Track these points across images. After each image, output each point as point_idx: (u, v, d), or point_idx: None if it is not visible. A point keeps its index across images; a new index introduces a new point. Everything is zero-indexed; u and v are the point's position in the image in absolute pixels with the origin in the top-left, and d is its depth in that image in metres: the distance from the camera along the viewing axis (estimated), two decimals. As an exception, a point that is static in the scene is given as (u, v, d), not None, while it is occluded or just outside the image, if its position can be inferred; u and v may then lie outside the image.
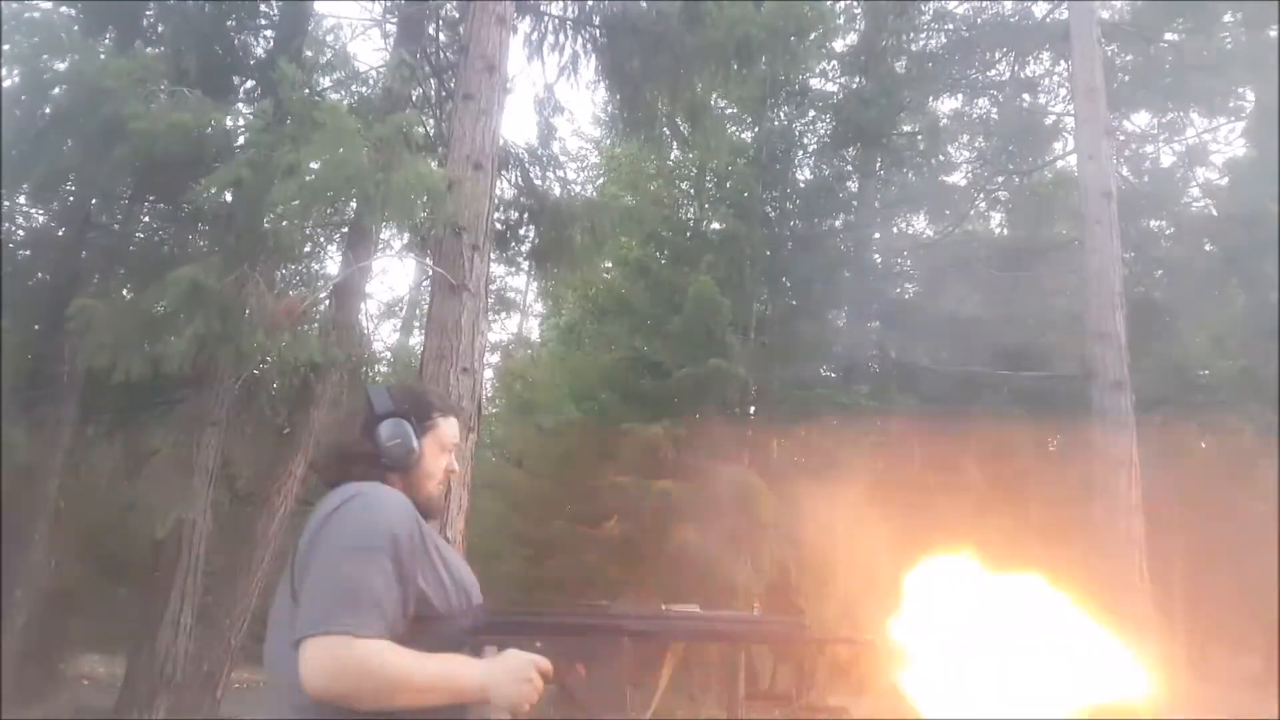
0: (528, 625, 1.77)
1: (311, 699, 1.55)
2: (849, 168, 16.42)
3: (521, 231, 9.43)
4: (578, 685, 1.72)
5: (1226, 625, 24.00)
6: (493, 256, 7.73)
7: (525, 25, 9.53)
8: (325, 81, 9.53)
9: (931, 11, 15.69)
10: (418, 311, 21.16)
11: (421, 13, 9.66)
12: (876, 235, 16.37)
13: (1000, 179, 16.44)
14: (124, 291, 8.88)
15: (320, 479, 1.94)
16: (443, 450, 1.99)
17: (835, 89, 16.88)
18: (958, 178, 17.41)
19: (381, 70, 9.56)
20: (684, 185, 16.34)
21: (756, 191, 13.33)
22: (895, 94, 14.94)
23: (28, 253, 9.38)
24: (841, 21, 16.10)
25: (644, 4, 9.06)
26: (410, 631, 1.64)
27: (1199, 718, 14.09)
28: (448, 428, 2.02)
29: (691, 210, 16.34)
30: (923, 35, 16.19)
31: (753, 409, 13.36)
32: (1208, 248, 14.26)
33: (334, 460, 1.92)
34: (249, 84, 9.63)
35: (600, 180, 21.86)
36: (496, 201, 7.74)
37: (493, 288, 14.50)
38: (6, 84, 7.64)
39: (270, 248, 7.25)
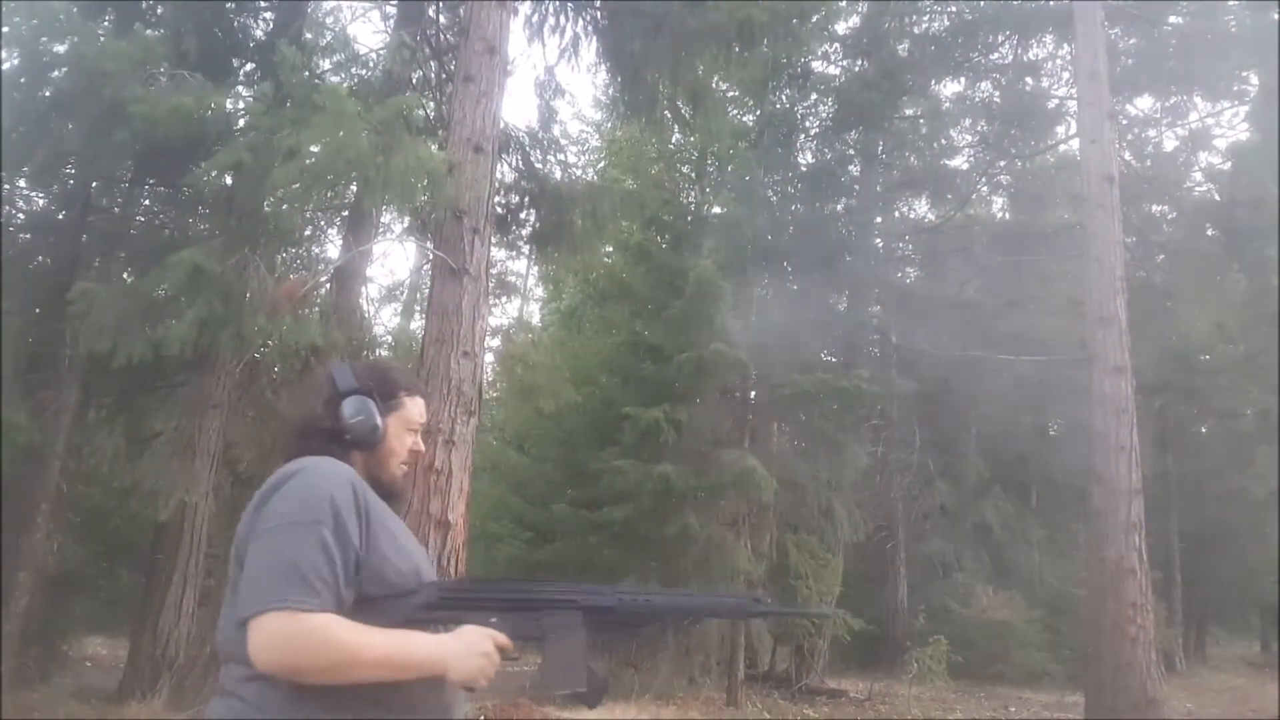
0: (482, 600, 1.77)
1: (260, 674, 1.56)
2: (850, 151, 16.37)
3: (522, 215, 9.40)
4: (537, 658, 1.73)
5: (1225, 608, 24.12)
6: (493, 240, 7.73)
7: (526, 7, 9.49)
8: (325, 64, 9.52)
9: (934, -6, 15.64)
10: (419, 295, 21.13)
11: (422, -5, 9.62)
12: (878, 219, 16.35)
13: (1002, 163, 16.40)
14: (125, 275, 8.87)
15: (280, 456, 1.88)
16: (408, 430, 1.95)
17: (837, 72, 16.83)
18: (959, 161, 17.40)
19: (381, 53, 9.52)
20: (685, 169, 16.30)
21: (758, 175, 13.31)
22: (897, 77, 14.88)
23: (28, 236, 9.35)
24: (844, 4, 16.03)
25: (645, -14, 9.01)
26: (361, 609, 1.63)
27: (1198, 700, 14.16)
28: (413, 407, 1.97)
29: (693, 194, 16.29)
30: (925, 18, 16.11)
31: (753, 393, 13.38)
32: (1210, 232, 14.22)
33: (293, 436, 1.89)
34: (249, 67, 9.60)
35: (601, 164, 21.80)
36: (497, 185, 7.73)
37: (493, 271, 14.46)
38: (6, 67, 7.63)
39: (271, 231, 7.24)
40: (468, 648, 1.65)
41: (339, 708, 1.58)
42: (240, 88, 8.89)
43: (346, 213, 9.85)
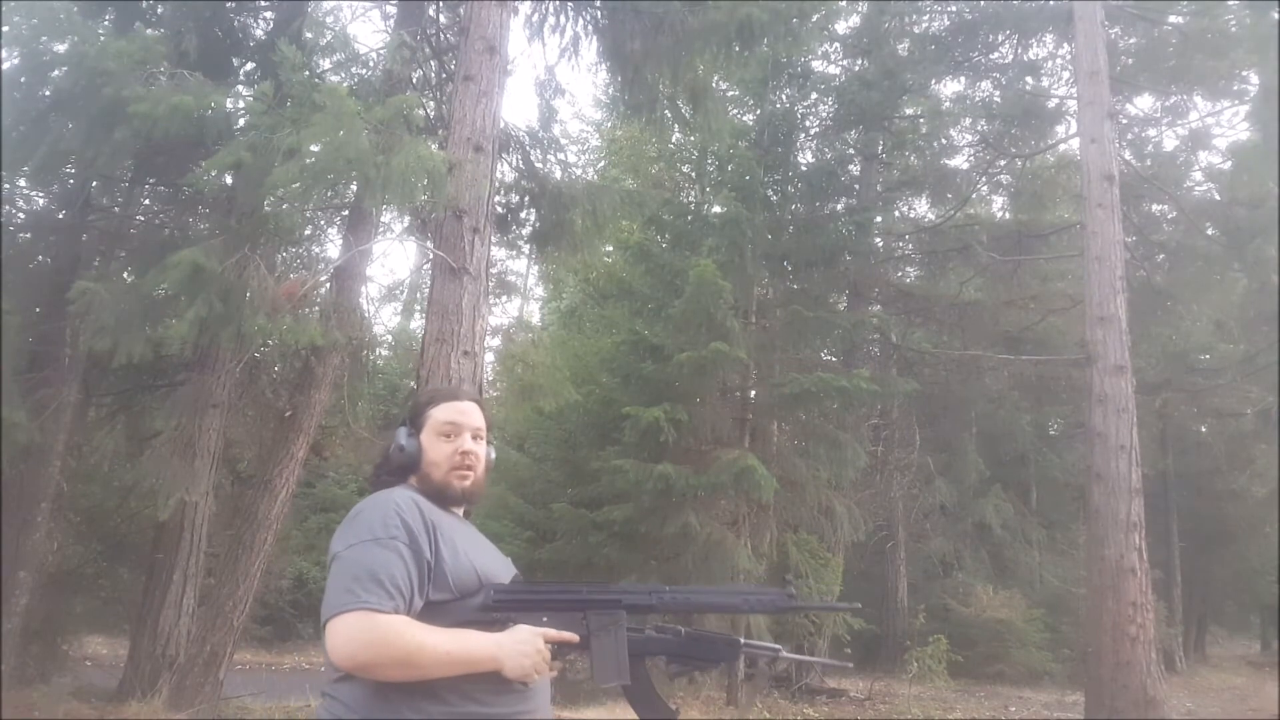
0: (533, 601, 1.92)
1: (337, 671, 1.74)
2: (851, 151, 16.38)
3: (522, 214, 9.40)
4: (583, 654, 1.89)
5: (1225, 608, 24.14)
6: (493, 240, 7.72)
7: (526, 7, 9.49)
8: (325, 63, 9.51)
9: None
10: (419, 295, 21.16)
11: (422, -6, 9.62)
12: (878, 219, 16.34)
13: (1002, 162, 16.40)
14: (125, 274, 8.87)
15: None
16: (439, 435, 2.07)
17: (837, 71, 16.84)
18: (960, 161, 17.38)
19: (382, 52, 9.52)
20: (685, 168, 16.31)
21: (758, 174, 13.27)
22: (897, 77, 14.88)
23: (28, 235, 9.36)
24: (844, 4, 16.03)
25: (645, -15, 8.99)
26: (427, 611, 1.79)
27: (1198, 699, 14.16)
28: (439, 413, 2.10)
29: (692, 193, 16.29)
30: (925, 17, 16.13)
31: (753, 393, 13.37)
32: (1210, 231, 14.23)
33: (370, 481, 2.15)
34: (249, 66, 9.60)
35: (601, 163, 21.84)
36: (497, 184, 7.73)
37: (493, 271, 14.48)
38: (6, 67, 7.62)
39: (271, 230, 7.25)
40: (520, 645, 1.80)
41: (417, 706, 1.74)
42: (240, 87, 8.88)
43: (346, 212, 9.85)
